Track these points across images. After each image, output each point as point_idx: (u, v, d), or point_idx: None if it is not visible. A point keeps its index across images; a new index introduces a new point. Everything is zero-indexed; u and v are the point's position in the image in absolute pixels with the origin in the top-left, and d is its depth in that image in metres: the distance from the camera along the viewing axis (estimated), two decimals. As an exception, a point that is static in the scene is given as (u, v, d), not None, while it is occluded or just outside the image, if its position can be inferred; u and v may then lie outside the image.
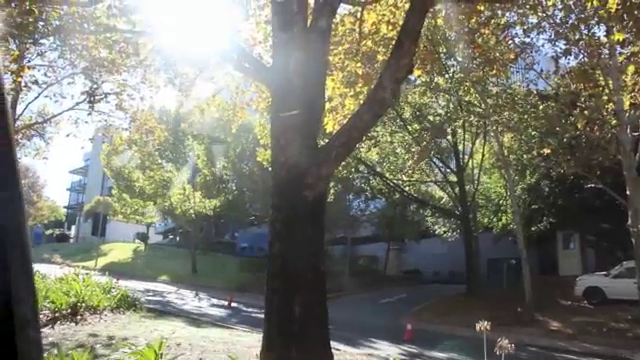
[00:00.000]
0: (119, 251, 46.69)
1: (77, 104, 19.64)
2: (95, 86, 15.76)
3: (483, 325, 4.95)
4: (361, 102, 12.03)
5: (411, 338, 14.99)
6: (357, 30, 10.43)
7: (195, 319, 15.22)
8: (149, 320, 12.67)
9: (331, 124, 10.34)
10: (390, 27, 10.43)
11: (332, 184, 27.35)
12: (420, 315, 21.55)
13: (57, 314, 11.04)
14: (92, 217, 46.40)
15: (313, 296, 6.17)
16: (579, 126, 17.94)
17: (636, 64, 15.28)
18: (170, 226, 53.44)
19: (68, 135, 19.22)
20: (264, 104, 11.22)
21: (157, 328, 10.87)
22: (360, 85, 11.21)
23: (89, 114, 17.75)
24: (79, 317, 11.35)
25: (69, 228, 76.15)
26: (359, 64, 11.16)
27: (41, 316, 10.49)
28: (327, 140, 7.34)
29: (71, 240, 68.41)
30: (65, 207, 79.23)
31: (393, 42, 11.59)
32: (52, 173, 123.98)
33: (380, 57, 11.36)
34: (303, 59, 6.71)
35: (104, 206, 44.61)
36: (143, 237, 52.31)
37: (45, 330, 9.62)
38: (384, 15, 10.44)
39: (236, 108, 12.72)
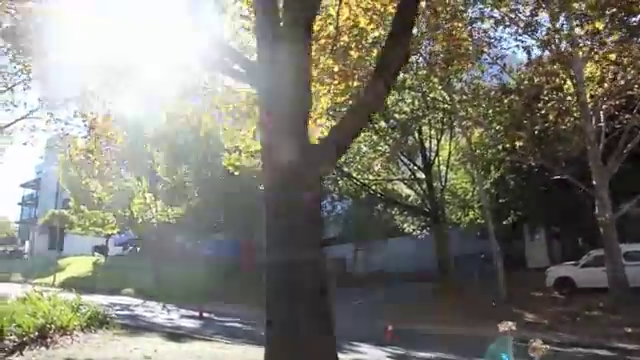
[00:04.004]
0: (78, 265, 45.03)
1: (31, 112, 18.57)
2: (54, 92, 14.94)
3: (507, 326, 4.68)
4: (337, 100, 11.74)
5: (392, 339, 14.74)
6: (334, 24, 10.10)
7: (171, 333, 14.62)
8: (124, 337, 12.04)
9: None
10: (367, 19, 10.13)
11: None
12: (395, 315, 21.30)
13: (25, 338, 10.30)
14: (48, 231, 44.55)
15: (318, 304, 5.77)
16: (550, 117, 18.10)
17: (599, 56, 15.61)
18: (130, 237, 51.85)
19: (25, 144, 18.15)
20: (245, 108, 10.67)
21: (136, 347, 10.29)
22: (336, 82, 10.91)
23: (48, 122, 16.82)
24: (49, 340, 10.65)
25: (23, 244, 73.18)
26: (333, 61, 10.85)
27: (7, 342, 9.80)
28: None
29: (25, 256, 65.69)
30: (17, 222, 76.20)
31: (369, 35, 11.36)
32: (1, 187, 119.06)
33: (354, 53, 11.08)
34: (289, 56, 6.35)
35: (60, 219, 42.94)
36: (102, 250, 50.62)
37: (13, 358, 8.95)
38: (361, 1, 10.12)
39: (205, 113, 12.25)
